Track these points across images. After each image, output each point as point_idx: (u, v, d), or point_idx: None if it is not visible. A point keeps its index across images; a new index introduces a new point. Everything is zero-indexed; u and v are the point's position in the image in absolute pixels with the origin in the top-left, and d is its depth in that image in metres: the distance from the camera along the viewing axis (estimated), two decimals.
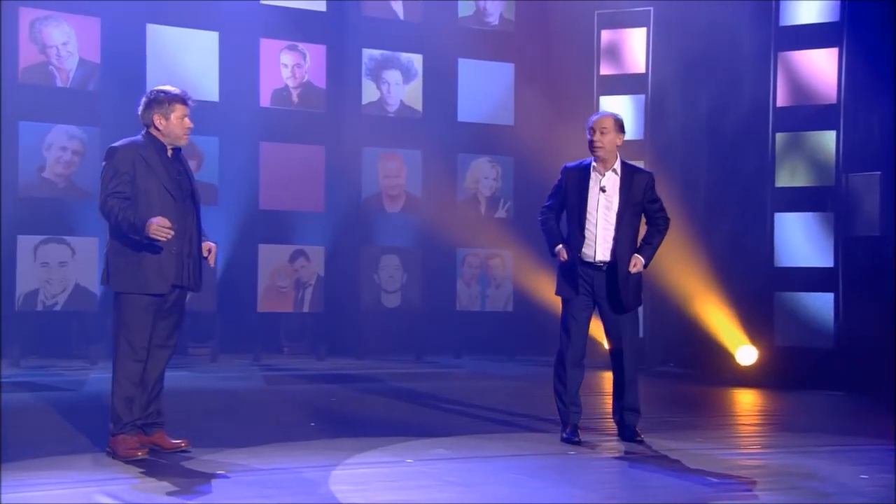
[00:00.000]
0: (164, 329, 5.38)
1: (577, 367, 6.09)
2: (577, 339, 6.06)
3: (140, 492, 4.48)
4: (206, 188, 10.43)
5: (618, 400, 6.16)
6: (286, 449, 5.58)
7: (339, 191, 10.95)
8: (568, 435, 6.00)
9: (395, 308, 11.19)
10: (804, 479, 5.16)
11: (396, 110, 11.34)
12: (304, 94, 10.94)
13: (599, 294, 6.00)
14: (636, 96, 11.12)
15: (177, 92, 5.51)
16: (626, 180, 5.99)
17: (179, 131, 5.44)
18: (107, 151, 5.33)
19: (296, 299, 10.79)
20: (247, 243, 10.60)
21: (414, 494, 4.56)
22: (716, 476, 5.13)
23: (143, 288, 5.21)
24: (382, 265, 11.12)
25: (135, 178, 5.22)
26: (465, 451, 5.62)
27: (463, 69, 11.54)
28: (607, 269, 5.94)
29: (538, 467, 5.26)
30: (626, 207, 5.95)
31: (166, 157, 5.38)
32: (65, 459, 5.14)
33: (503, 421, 6.82)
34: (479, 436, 6.19)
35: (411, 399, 7.87)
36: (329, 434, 6.13)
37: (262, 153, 10.71)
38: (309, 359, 10.70)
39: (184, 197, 5.37)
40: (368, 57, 11.21)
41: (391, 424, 6.60)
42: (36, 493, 4.37)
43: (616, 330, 6.08)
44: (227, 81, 10.59)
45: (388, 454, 5.49)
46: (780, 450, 6.22)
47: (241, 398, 8.00)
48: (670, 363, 10.94)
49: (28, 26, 10.04)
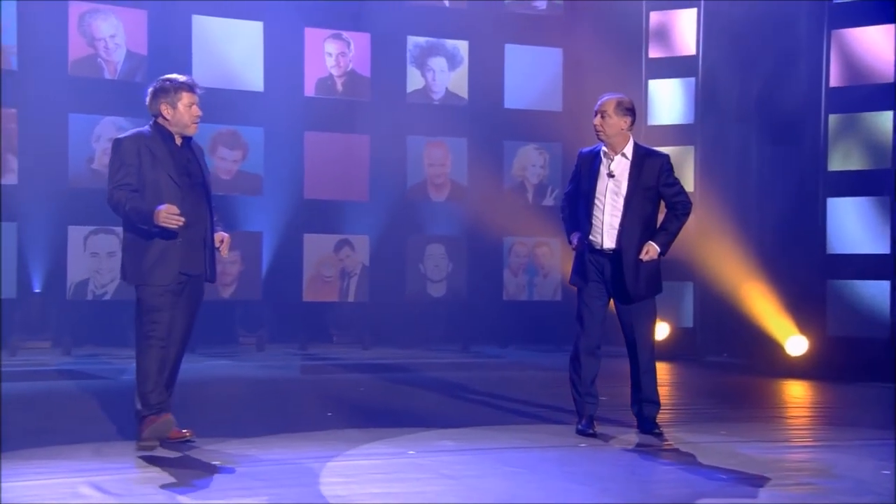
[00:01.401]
0: (180, 317, 5.32)
1: (592, 356, 5.93)
2: (590, 327, 5.91)
3: (128, 483, 4.47)
4: (251, 178, 10.60)
5: (635, 391, 5.99)
6: (292, 439, 5.55)
7: (383, 180, 10.91)
8: (583, 426, 5.86)
9: (441, 297, 11.12)
10: (817, 474, 4.96)
11: (442, 98, 11.25)
12: (349, 83, 10.93)
13: (610, 282, 5.83)
14: (686, 79, 10.86)
15: (183, 80, 5.44)
16: (636, 164, 5.79)
17: (187, 119, 5.34)
18: (112, 143, 5.31)
19: (341, 289, 10.80)
20: (292, 233, 10.66)
21: (400, 487, 4.48)
22: (724, 471, 4.94)
23: (146, 278, 5.18)
24: (428, 254, 11.06)
25: (141, 168, 5.17)
26: (471, 444, 5.52)
27: (510, 55, 11.40)
28: (614, 257, 5.76)
29: (540, 460, 5.14)
30: (636, 192, 5.73)
31: (174, 147, 5.30)
32: (69, 449, 5.17)
33: (525, 412, 6.70)
34: (493, 427, 6.08)
35: (441, 389, 7.79)
36: (342, 424, 6.08)
37: (306, 143, 10.73)
38: (355, 348, 10.70)
39: (193, 186, 5.28)
40: (413, 44, 11.15)
41: (409, 415, 6.53)
42: (23, 483, 4.38)
43: (628, 319, 5.91)
44: (271, 71, 10.63)
45: (392, 445, 5.43)
46: (807, 443, 6.04)
47: (271, 387, 8.01)
48: (723, 353, 10.67)
49: (77, 19, 10.21)
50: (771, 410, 7.47)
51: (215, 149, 10.50)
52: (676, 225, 5.90)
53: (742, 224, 10.44)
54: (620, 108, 5.81)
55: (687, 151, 10.84)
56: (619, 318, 5.97)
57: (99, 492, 4.27)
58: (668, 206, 5.92)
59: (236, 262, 10.47)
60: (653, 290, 5.89)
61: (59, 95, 10.05)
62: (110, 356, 9.62)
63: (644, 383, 5.93)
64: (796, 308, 9.59)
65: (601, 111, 5.82)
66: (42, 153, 9.99)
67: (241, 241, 10.53)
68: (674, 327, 10.67)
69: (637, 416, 5.98)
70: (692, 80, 10.82)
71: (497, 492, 4.47)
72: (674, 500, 4.42)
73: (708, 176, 10.74)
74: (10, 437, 5.42)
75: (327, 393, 7.62)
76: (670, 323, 10.65)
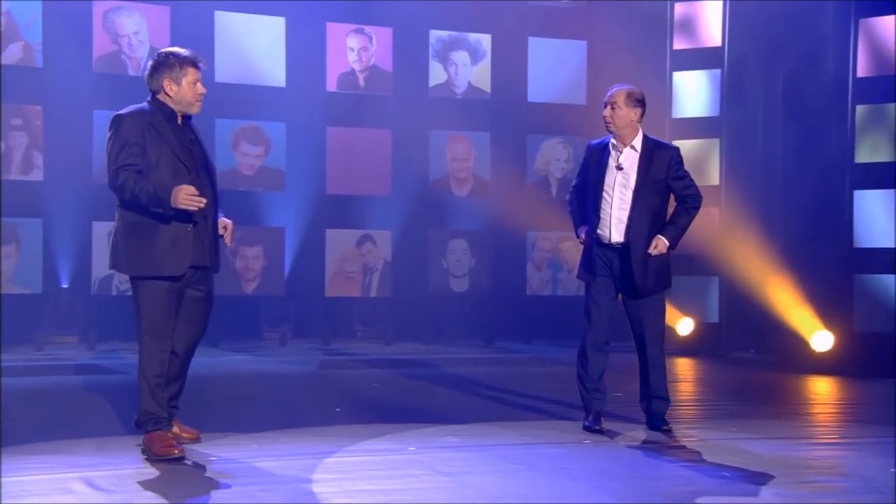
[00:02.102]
0: (192, 314, 5.02)
1: (599, 351, 5.84)
2: (598, 323, 5.82)
3: (121, 479, 4.45)
4: (273, 173, 10.62)
5: (644, 387, 5.89)
6: (295, 435, 5.53)
7: (405, 174, 10.88)
8: (589, 423, 5.79)
9: (464, 293, 11.07)
10: (822, 472, 4.87)
11: (464, 92, 11.19)
12: (371, 78, 10.90)
13: (619, 276, 5.74)
14: (712, 71, 10.70)
15: (187, 54, 4.99)
16: (645, 157, 5.69)
17: (191, 97, 4.95)
18: (111, 120, 4.88)
19: (363, 284, 10.79)
20: (314, 228, 10.66)
21: (392, 484, 4.45)
22: (728, 468, 4.85)
23: (157, 270, 4.80)
24: (450, 249, 11.02)
25: (145, 148, 4.79)
26: (475, 440, 5.47)
27: (533, 48, 11.30)
28: (623, 251, 5.68)
29: (541, 456, 5.07)
30: (645, 185, 5.63)
31: (176, 126, 4.94)
32: (71, 443, 5.18)
33: (535, 408, 6.64)
34: (499, 423, 6.01)
35: (455, 385, 7.74)
36: (349, 420, 6.04)
37: (328, 138, 10.72)
38: (378, 344, 10.68)
39: (197, 168, 4.93)
40: (435, 38, 11.09)
41: (417, 411, 6.49)
42: (16, 479, 4.39)
43: (636, 314, 5.80)
44: (293, 67, 10.63)
45: (394, 442, 5.39)
46: (822, 440, 5.92)
47: (285, 383, 8.00)
48: (750, 349, 10.51)
49: (101, 16, 10.28)
50: (791, 407, 7.32)
51: (238, 144, 10.54)
52: (686, 219, 5.80)
53: (768, 217, 10.28)
54: (631, 99, 5.71)
55: (712, 144, 10.70)
56: (628, 312, 5.88)
57: (90, 487, 4.27)
58: (678, 199, 5.82)
59: (259, 257, 10.49)
60: (662, 285, 5.80)
61: (84, 92, 10.13)
62: (133, 351, 9.64)
63: (653, 379, 5.83)
64: (822, 303, 9.41)
65: (611, 102, 5.72)
66: (67, 150, 10.07)
67: (263, 237, 10.56)
68: (699, 322, 10.54)
69: (646, 412, 5.90)
70: (717, 71, 10.66)
71: (490, 489, 4.42)
72: (671, 497, 4.35)
73: (733, 169, 10.58)
74: (19, 431, 5.46)
75: (341, 389, 7.61)
76: (695, 318, 10.53)
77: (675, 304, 10.58)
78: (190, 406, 5.59)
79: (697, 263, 10.50)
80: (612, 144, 5.76)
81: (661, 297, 5.86)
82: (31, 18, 10.06)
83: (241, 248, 10.43)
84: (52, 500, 4.10)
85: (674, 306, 10.58)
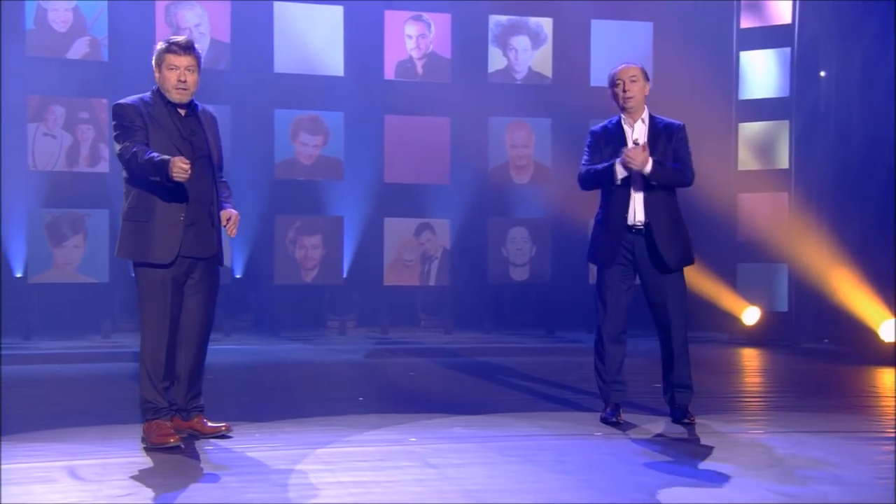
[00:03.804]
0: (194, 306, 5.01)
1: (617, 342, 5.66)
2: (615, 313, 5.63)
3: (107, 467, 4.46)
4: (332, 163, 10.63)
5: (668, 376, 5.67)
6: (299, 425, 5.49)
7: (464, 162, 10.74)
8: (607, 414, 5.62)
9: (524, 281, 10.91)
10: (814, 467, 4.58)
11: (524, 77, 11.00)
12: (429, 65, 10.81)
13: (641, 258, 5.53)
14: (781, 50, 10.29)
15: (174, 40, 5.05)
16: (654, 130, 5.56)
17: (168, 84, 4.94)
18: (114, 108, 4.94)
19: (421, 273, 10.73)
20: (373, 217, 10.64)
21: (373, 476, 4.37)
22: (730, 466, 4.62)
23: (145, 256, 4.84)
24: (510, 237, 10.86)
25: (147, 133, 4.84)
26: (483, 431, 5.37)
27: (596, 31, 11.03)
28: (645, 231, 5.48)
29: (539, 449, 4.92)
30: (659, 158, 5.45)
31: (176, 115, 4.96)
32: (75, 431, 5.25)
33: (560, 398, 6.47)
34: (516, 414, 5.88)
35: (490, 375, 7.62)
36: (364, 410, 6.00)
37: (386, 126, 10.68)
38: (438, 332, 10.61)
39: (197, 158, 4.90)
40: (495, 23, 10.92)
41: (438, 400, 6.39)
42: (10, 466, 4.45)
43: (660, 296, 5.56)
44: (351, 56, 10.61)
45: (397, 432, 5.32)
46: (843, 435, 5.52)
47: (321, 372, 7.97)
48: (823, 339, 10.08)
49: (164, 10, 10.45)
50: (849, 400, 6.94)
51: (297, 134, 10.58)
52: (674, 174, 5.49)
53: (840, 202, 9.84)
54: (645, 73, 5.64)
55: (782, 126, 10.29)
56: (650, 299, 5.66)
57: (70, 476, 4.30)
58: None
59: (318, 246, 10.52)
60: (686, 259, 5.59)
61: (147, 85, 10.11)
62: None
63: (678, 367, 5.61)
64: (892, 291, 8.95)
65: (629, 77, 5.56)
66: None
67: (322, 226, 10.59)
68: (766, 311, 10.16)
69: (669, 403, 5.68)
70: (787, 50, 10.24)
71: (469, 482, 4.29)
72: (652, 494, 4.15)
73: (804, 152, 10.16)
74: (31, 418, 5.58)
75: (376, 377, 7.57)
76: (762, 307, 10.15)
77: (741, 292, 10.25)
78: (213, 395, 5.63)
79: (765, 250, 10.15)
80: (624, 121, 5.60)
81: (683, 280, 5.65)
82: (98, 13, 10.28)
83: (301, 237, 10.49)
84: (25, 488, 4.13)
85: (739, 294, 10.24)
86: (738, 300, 10.22)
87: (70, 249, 10.13)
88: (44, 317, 10.20)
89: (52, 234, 10.13)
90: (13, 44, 9.95)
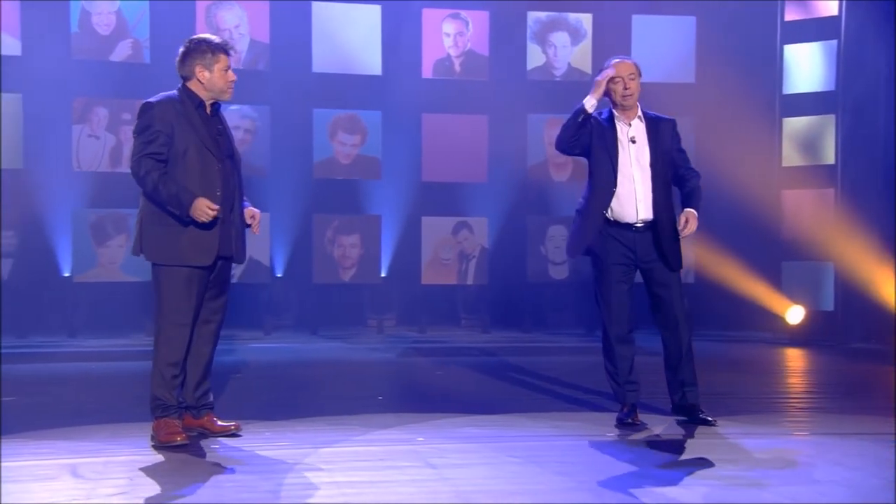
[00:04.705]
0: (209, 304, 5.01)
1: (625, 343, 5.56)
2: (619, 313, 5.53)
3: (108, 466, 4.48)
4: (370, 162, 10.63)
5: (674, 376, 5.51)
6: (311, 424, 5.47)
7: (502, 160, 10.67)
8: (623, 415, 5.51)
9: (563, 280, 10.79)
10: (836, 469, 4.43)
11: (564, 74, 10.88)
12: (467, 63, 10.75)
13: (645, 257, 5.42)
14: (827, 42, 10.05)
15: (219, 41, 5.04)
16: (651, 127, 5.45)
17: (222, 85, 4.97)
18: (141, 107, 4.89)
19: (459, 271, 10.68)
20: (410, 216, 10.62)
21: (366, 477, 4.31)
22: (740, 465, 4.50)
23: (183, 259, 4.81)
24: (549, 236, 10.75)
25: (173, 136, 4.81)
26: (493, 431, 5.31)
27: (637, 26, 10.87)
28: (647, 229, 5.38)
29: (545, 449, 4.83)
30: (657, 157, 5.40)
31: (205, 114, 4.95)
32: (85, 429, 5.27)
33: (581, 399, 6.37)
34: (532, 414, 5.79)
35: (520, 375, 7.55)
36: (383, 409, 5.97)
37: (424, 125, 10.65)
38: (476, 332, 10.56)
39: (223, 157, 4.93)
40: (534, 20, 10.83)
41: (457, 400, 6.33)
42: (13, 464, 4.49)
43: (668, 294, 5.45)
44: (389, 54, 10.61)
45: (407, 432, 5.27)
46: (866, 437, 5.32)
47: (349, 370, 7.97)
48: (871, 339, 9.80)
49: (204, 11, 10.54)
50: (877, 402, 6.69)
51: (335, 133, 10.60)
52: (700, 192, 5.43)
53: (886, 199, 9.56)
54: (639, 70, 5.52)
55: (827, 121, 10.05)
56: (657, 296, 5.52)
57: (71, 475, 4.31)
58: (682, 171, 5.49)
59: (356, 245, 10.54)
60: (681, 260, 5.49)
61: None
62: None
63: (686, 365, 5.49)
64: None
65: (628, 73, 5.45)
66: None
67: (360, 225, 10.60)
68: (811, 311, 9.91)
69: (679, 404, 5.51)
70: (834, 42, 9.99)
71: (465, 483, 4.22)
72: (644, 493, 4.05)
73: (851, 147, 9.92)
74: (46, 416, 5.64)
75: (403, 376, 7.55)
76: (806, 306, 9.91)
77: (785, 291, 10.03)
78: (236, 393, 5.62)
79: (810, 248, 9.93)
80: (617, 118, 5.46)
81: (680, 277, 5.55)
82: (140, 16, 10.42)
83: (339, 236, 10.52)
84: (23, 486, 4.16)
85: (783, 293, 10.02)
86: (782, 299, 10.00)
87: (114, 249, 10.27)
88: (88, 315, 10.36)
89: (96, 234, 10.28)
90: (59, 47, 10.14)
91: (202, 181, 4.85)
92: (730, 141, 10.07)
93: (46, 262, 10.21)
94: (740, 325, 10.39)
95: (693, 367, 5.49)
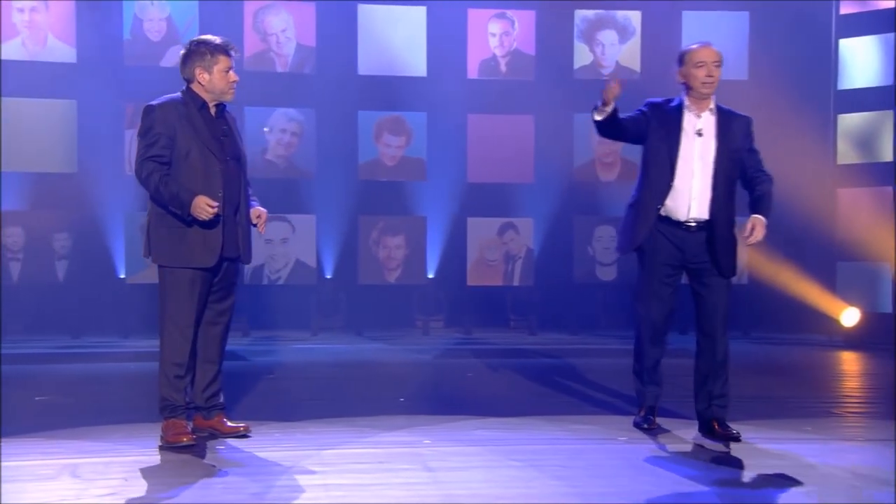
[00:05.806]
0: (215, 306, 5.02)
1: (659, 346, 5.33)
2: (658, 316, 5.25)
3: (107, 466, 4.49)
4: (415, 163, 10.61)
5: (703, 385, 5.14)
6: (323, 425, 5.43)
7: (549, 160, 10.56)
8: (640, 419, 5.36)
9: (611, 281, 10.62)
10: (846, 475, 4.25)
11: (612, 72, 10.69)
12: (513, 63, 10.66)
13: (695, 258, 5.08)
14: (884, 36, 9.74)
15: (218, 42, 4.96)
16: (722, 122, 5.08)
17: (223, 86, 4.93)
18: (144, 110, 4.90)
19: (505, 272, 10.59)
20: (455, 217, 10.57)
21: (362, 479, 4.29)
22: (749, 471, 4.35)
23: (187, 261, 4.83)
24: (597, 236, 10.60)
25: (175, 138, 4.81)
26: (503, 433, 5.22)
27: (688, 22, 10.65)
28: (701, 229, 5.05)
29: (551, 453, 4.74)
30: (724, 154, 5.02)
31: (209, 116, 4.92)
32: (96, 430, 5.29)
33: (603, 402, 6.24)
34: (549, 417, 5.67)
35: (552, 377, 7.43)
36: (400, 411, 5.91)
37: (469, 126, 10.60)
38: (523, 333, 10.45)
39: (227, 158, 4.91)
40: (581, 18, 10.70)
41: (477, 402, 6.25)
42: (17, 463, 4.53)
43: (712, 299, 5.09)
44: (434, 55, 10.59)
45: (415, 434, 5.21)
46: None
47: (380, 371, 7.94)
48: None
49: (252, 16, 10.65)
50: None
51: (380, 135, 10.61)
52: (771, 196, 5.06)
53: None
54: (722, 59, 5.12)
55: (885, 117, 9.73)
56: (703, 299, 5.16)
57: (70, 475, 4.33)
58: (755, 174, 5.11)
59: (401, 246, 10.53)
60: (736, 268, 5.14)
61: (237, 90, 10.45)
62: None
63: (717, 376, 5.11)
64: None
65: (713, 61, 5.06)
66: None
67: (405, 226, 10.59)
68: (867, 313, 9.60)
69: (703, 414, 5.12)
70: (891, 36, 9.67)
71: (458, 487, 4.15)
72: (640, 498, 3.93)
73: None
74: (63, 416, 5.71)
75: (432, 378, 7.48)
76: (862, 308, 9.59)
77: (840, 293, 9.73)
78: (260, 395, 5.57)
79: (866, 248, 9.63)
80: (687, 107, 5.11)
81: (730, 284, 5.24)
82: (189, 22, 10.56)
83: (384, 237, 10.52)
84: (19, 485, 4.19)
85: (838, 295, 9.72)
86: (836, 301, 9.70)
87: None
88: (141, 316, 10.50)
89: None
90: (112, 54, 10.34)
91: (205, 182, 4.84)
92: (783, 138, 9.76)
93: (101, 264, 10.39)
94: (794, 328, 10.11)
95: (726, 380, 5.12)
